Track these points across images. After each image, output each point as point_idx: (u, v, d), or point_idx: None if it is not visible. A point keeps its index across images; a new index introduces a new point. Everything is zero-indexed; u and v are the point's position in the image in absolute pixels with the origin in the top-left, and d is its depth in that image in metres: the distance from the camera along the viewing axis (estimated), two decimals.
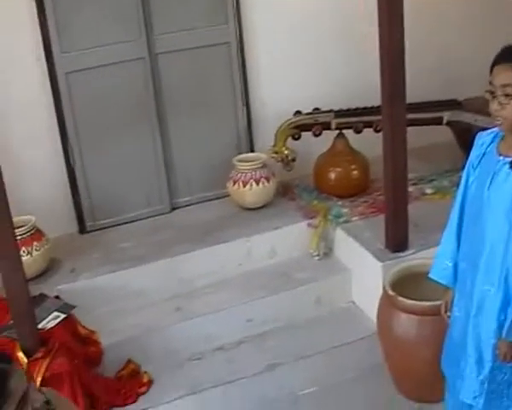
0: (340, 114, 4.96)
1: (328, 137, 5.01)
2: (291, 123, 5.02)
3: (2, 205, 3.41)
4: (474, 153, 2.79)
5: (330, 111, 4.96)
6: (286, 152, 5.05)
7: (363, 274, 4.38)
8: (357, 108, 4.95)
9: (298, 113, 5.04)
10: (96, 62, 4.75)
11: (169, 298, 4.45)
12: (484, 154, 2.74)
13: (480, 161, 2.75)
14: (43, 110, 4.74)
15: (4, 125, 4.29)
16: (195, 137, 5.11)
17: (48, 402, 2.21)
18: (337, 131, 5.01)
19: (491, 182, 2.64)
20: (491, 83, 2.54)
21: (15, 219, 3.73)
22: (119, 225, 5.01)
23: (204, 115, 5.11)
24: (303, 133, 5.03)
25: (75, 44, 4.69)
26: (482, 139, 2.77)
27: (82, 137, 4.85)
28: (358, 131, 4.92)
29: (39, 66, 4.65)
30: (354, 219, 4.68)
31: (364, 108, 4.90)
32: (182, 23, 4.89)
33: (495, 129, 2.70)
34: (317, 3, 5.13)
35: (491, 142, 2.72)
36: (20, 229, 4.23)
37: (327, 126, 4.96)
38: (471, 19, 5.47)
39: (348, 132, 4.99)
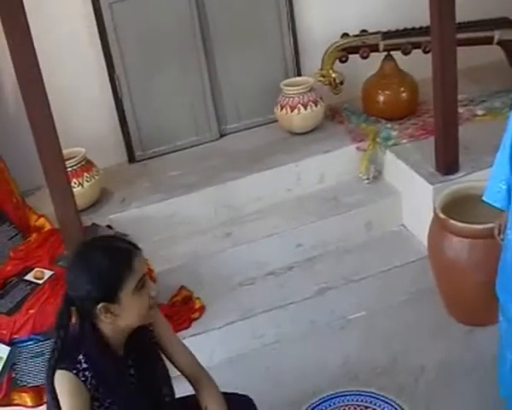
0: (387, 35, 4.85)
1: (376, 59, 4.91)
2: (338, 46, 4.93)
3: (51, 138, 3.44)
4: None
5: (378, 32, 4.85)
6: (333, 75, 4.98)
7: (414, 197, 4.35)
8: (405, 29, 4.83)
9: (345, 35, 4.95)
10: None
11: (219, 225, 4.48)
12: None
13: None
14: (89, 42, 4.73)
15: (51, 59, 4.28)
16: (242, 63, 5.07)
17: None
18: (385, 53, 4.91)
19: None
20: None
21: (66, 152, 3.77)
22: (167, 153, 5.04)
23: (251, 42, 5.06)
24: (350, 56, 4.95)
25: None
26: None
27: (128, 69, 4.84)
28: (407, 53, 4.81)
29: None
30: (403, 141, 4.62)
31: (413, 29, 4.79)
32: None
33: None
34: None
35: None
36: (70, 161, 4.27)
37: (374, 48, 4.87)
38: None
39: (396, 54, 4.88)
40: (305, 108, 4.85)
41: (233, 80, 5.08)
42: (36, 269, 3.83)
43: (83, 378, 2.29)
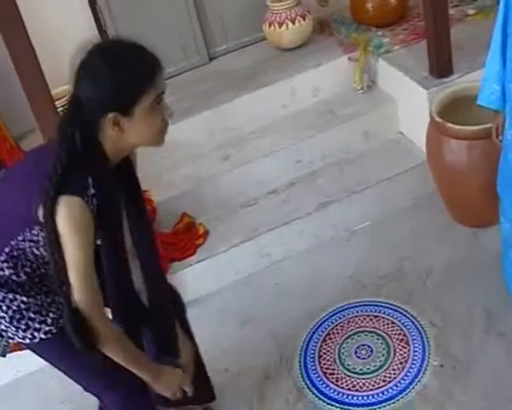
0: None
1: None
2: None
3: (38, 79, 3.35)
4: None
5: None
6: None
7: (410, 104, 4.32)
8: None
9: None
10: None
11: (217, 147, 4.47)
12: None
13: None
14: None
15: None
16: None
17: None
18: None
19: None
20: None
21: (55, 92, 3.73)
22: None
23: None
24: None
25: None
26: None
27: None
28: None
29: None
30: (395, 48, 4.56)
31: None
32: None
33: None
34: None
35: None
36: (60, 101, 4.21)
37: None
38: None
39: None
40: (294, 23, 4.78)
41: (218, 1, 4.99)
42: None
43: (91, 207, 2.08)
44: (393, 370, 3.19)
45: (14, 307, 2.23)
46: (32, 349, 2.36)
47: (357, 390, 3.15)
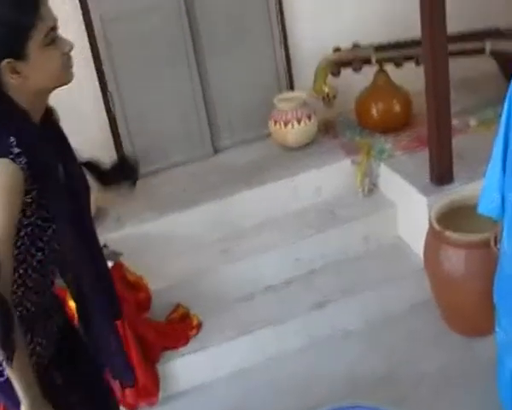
0: (379, 48, 4.86)
1: (369, 72, 4.93)
2: (330, 60, 4.96)
3: None
4: None
5: (370, 46, 4.87)
6: (326, 89, 4.99)
7: (409, 209, 4.36)
8: (397, 42, 4.83)
9: (337, 49, 4.98)
10: (132, 5, 4.72)
11: (216, 241, 4.48)
12: None
13: None
14: (81, 59, 4.73)
15: None
16: (234, 77, 5.08)
17: None
18: (377, 66, 4.93)
19: None
20: None
21: None
22: (162, 170, 5.03)
23: (242, 55, 5.07)
24: (343, 69, 4.96)
25: None
26: None
27: (121, 83, 4.84)
28: (399, 65, 4.84)
29: (74, 10, 4.64)
30: (398, 153, 4.64)
31: (405, 42, 4.78)
32: None
33: None
34: None
35: None
36: None
37: (367, 61, 4.87)
38: None
39: (389, 67, 4.91)
40: (299, 123, 4.87)
41: (226, 95, 5.09)
42: None
43: (20, 166, 1.94)
44: None
45: None
46: None
47: None
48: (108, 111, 4.88)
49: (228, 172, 4.85)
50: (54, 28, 2.01)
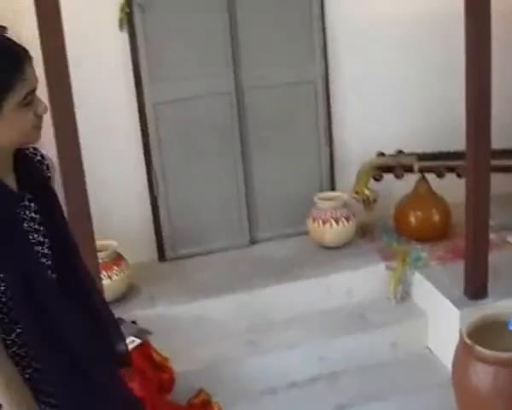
0: (422, 157, 4.93)
1: (410, 179, 4.99)
2: (373, 164, 5.03)
3: (87, 227, 3.52)
4: None
5: (413, 154, 4.95)
6: (367, 193, 5.04)
7: (440, 320, 4.33)
8: (440, 152, 4.90)
9: (381, 154, 5.05)
10: (184, 94, 4.87)
11: (244, 331, 4.48)
12: None
13: None
14: (131, 138, 4.86)
15: (93, 151, 4.40)
16: (278, 172, 5.17)
17: None
18: (419, 175, 4.99)
19: None
20: None
21: (98, 243, 3.84)
22: (198, 255, 5.08)
23: (287, 151, 5.17)
24: (385, 175, 5.03)
25: (164, 75, 4.84)
26: None
27: (166, 167, 4.96)
28: (441, 176, 4.88)
29: (128, 95, 4.81)
30: (433, 263, 4.65)
31: (447, 152, 4.86)
32: (269, 60, 4.99)
33: None
34: (403, 52, 5.20)
35: None
36: (102, 253, 4.33)
37: (409, 169, 4.94)
38: None
39: (430, 176, 4.95)
40: (337, 223, 4.90)
41: (268, 188, 5.17)
42: None
43: None
44: None
45: None
46: None
47: None
48: (151, 190, 4.97)
49: (262, 264, 4.87)
50: (34, 90, 1.94)
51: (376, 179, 5.04)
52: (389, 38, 5.13)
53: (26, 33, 2.74)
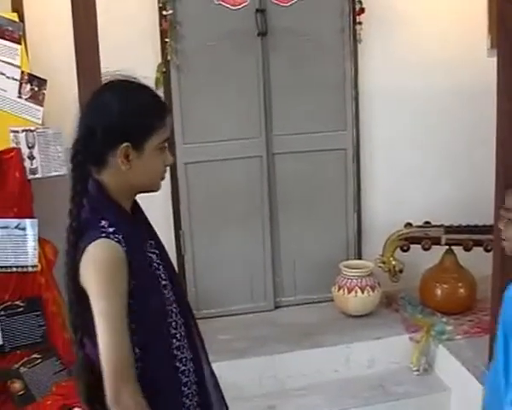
0: (450, 229, 4.92)
1: (437, 251, 4.96)
2: (401, 234, 5.01)
3: None
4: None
5: (441, 226, 4.93)
6: (393, 263, 5.02)
7: (464, 395, 4.24)
8: (467, 225, 4.89)
9: (408, 224, 5.03)
10: (215, 156, 4.93)
11: (262, 395, 4.43)
12: None
13: None
14: (160, 196, 4.88)
15: None
16: (305, 237, 5.18)
17: None
18: (446, 247, 4.96)
19: None
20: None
21: None
22: (220, 316, 5.07)
23: (315, 217, 5.17)
24: (412, 245, 5.00)
25: (197, 137, 4.90)
26: None
27: (194, 226, 4.99)
28: (468, 249, 4.85)
29: None
30: (457, 337, 4.58)
31: (475, 226, 4.84)
32: (300, 126, 5.03)
33: None
34: (434, 122, 5.22)
35: None
36: None
37: (436, 241, 4.92)
38: None
39: (457, 249, 4.93)
40: (363, 292, 4.87)
41: (294, 253, 5.17)
42: (75, 409, 3.83)
43: (116, 240, 2.00)
44: None
45: None
46: None
47: None
48: (179, 249, 4.98)
49: (285, 329, 4.85)
50: (167, 140, 2.15)
51: (403, 250, 5.02)
52: (420, 107, 5.17)
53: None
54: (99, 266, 1.97)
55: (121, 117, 2.05)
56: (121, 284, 1.97)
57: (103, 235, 2.00)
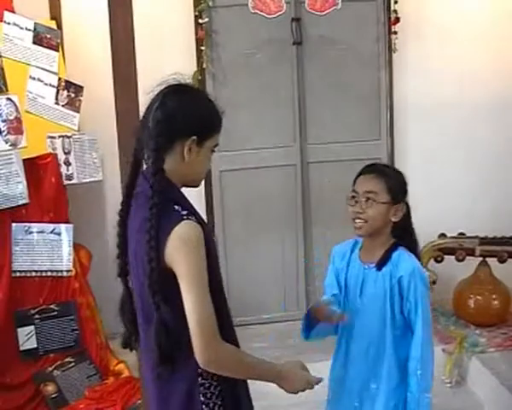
0: (485, 241, 4.88)
1: (471, 262, 4.93)
2: (435, 245, 4.98)
3: None
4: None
5: (475, 237, 4.89)
6: (427, 273, 4.98)
7: (497, 408, 4.20)
8: (502, 237, 4.85)
9: (443, 235, 5.00)
10: (250, 164, 4.96)
11: (291, 405, 4.41)
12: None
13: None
14: (195, 204, 4.92)
15: None
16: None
17: None
18: (480, 258, 4.92)
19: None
20: (354, 191, 2.95)
21: None
22: (253, 324, 5.08)
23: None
24: (446, 256, 4.97)
25: (231, 145, 4.91)
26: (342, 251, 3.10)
27: (227, 233, 5.01)
28: (503, 261, 4.81)
29: None
30: (491, 350, 4.55)
31: (510, 238, 4.80)
32: (335, 135, 5.04)
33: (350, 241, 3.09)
34: (467, 133, 5.21)
35: (352, 251, 3.03)
36: None
37: (471, 252, 4.89)
38: None
39: (492, 261, 4.89)
40: None
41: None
42: None
43: (196, 221, 2.20)
44: None
45: None
46: None
47: None
48: None
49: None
50: (216, 146, 2.34)
51: (437, 261, 4.99)
52: (454, 118, 5.16)
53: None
54: (190, 243, 2.13)
55: (197, 111, 2.26)
56: (205, 260, 2.16)
57: (184, 217, 2.17)
